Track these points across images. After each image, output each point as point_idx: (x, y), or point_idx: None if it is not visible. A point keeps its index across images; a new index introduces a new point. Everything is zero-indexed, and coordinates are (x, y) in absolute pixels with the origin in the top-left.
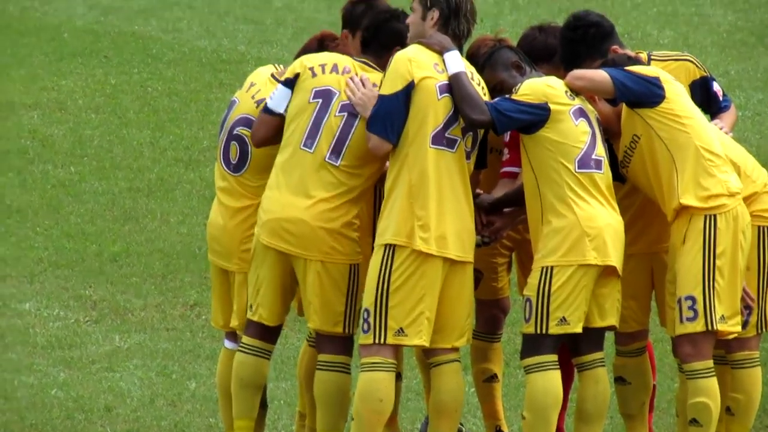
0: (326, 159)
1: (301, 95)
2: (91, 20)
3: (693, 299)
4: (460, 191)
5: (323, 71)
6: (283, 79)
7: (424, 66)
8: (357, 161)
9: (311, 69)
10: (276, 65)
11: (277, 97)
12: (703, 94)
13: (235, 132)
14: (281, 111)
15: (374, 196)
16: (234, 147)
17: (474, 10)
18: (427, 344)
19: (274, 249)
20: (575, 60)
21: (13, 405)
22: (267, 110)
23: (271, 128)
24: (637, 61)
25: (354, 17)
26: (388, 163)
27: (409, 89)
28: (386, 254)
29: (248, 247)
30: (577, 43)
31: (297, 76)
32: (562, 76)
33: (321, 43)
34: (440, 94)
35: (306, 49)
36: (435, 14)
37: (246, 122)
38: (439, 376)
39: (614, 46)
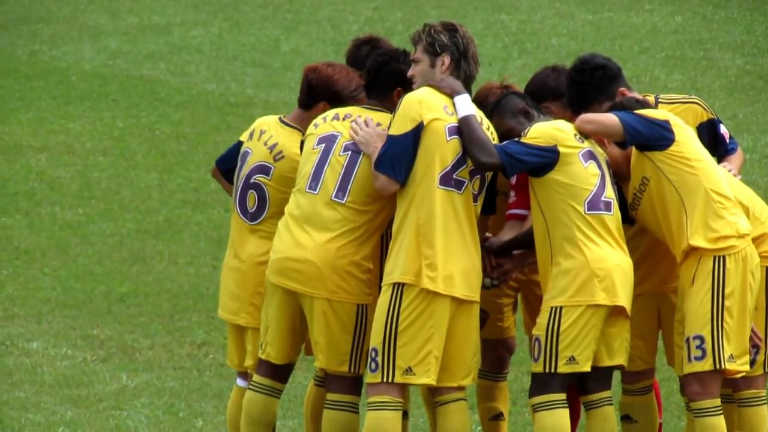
0: (332, 198)
1: (308, 145)
2: (99, 64)
3: (701, 338)
4: (467, 232)
5: (325, 121)
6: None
7: (434, 108)
8: (363, 198)
9: (314, 124)
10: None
11: None
12: (711, 137)
13: (252, 180)
14: None
15: (382, 241)
16: (252, 196)
17: (477, 53)
18: (434, 383)
19: (281, 288)
20: (583, 102)
21: None
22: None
23: None
24: (645, 104)
25: (359, 59)
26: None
27: (419, 130)
28: (395, 293)
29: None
30: (584, 86)
31: (305, 138)
32: (570, 118)
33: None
34: (449, 136)
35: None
36: (446, 59)
37: (262, 169)
38: (446, 414)
39: (622, 89)
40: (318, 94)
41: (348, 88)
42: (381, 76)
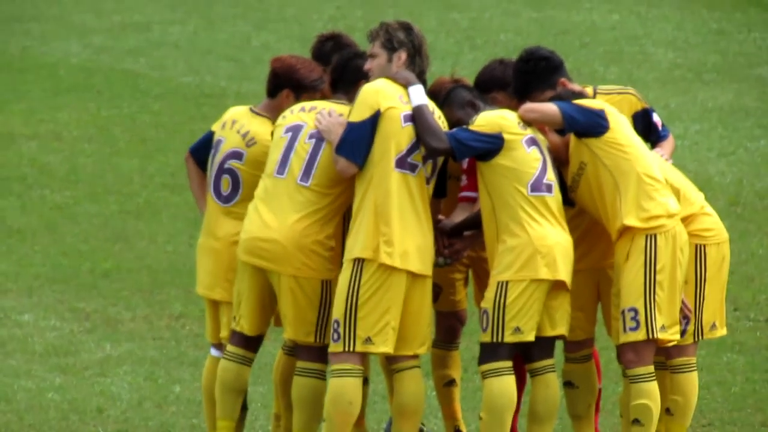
0: (298, 182)
1: (276, 135)
2: (85, 59)
3: (635, 311)
4: (420, 211)
5: (292, 112)
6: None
7: (390, 97)
8: (326, 182)
9: (282, 116)
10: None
11: None
12: (645, 125)
13: (225, 166)
14: None
15: (343, 222)
16: (226, 180)
17: (428, 50)
18: (392, 352)
19: (251, 265)
20: (526, 90)
21: (13, 407)
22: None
23: None
24: (581, 96)
25: (323, 53)
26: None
27: (376, 117)
28: (355, 268)
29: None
30: (528, 74)
31: (273, 129)
32: (515, 106)
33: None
34: (404, 123)
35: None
36: (403, 55)
37: (236, 155)
38: (402, 381)
39: (563, 79)
40: (281, 81)
41: (309, 77)
42: (346, 71)
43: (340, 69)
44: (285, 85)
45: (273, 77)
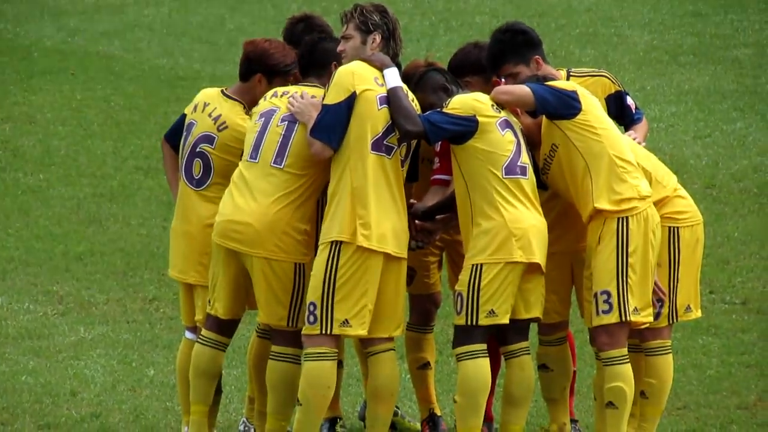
0: (271, 164)
1: (250, 122)
2: (59, 41)
3: (608, 293)
4: (396, 194)
5: (265, 99)
6: None
7: (366, 79)
8: (300, 163)
9: (258, 103)
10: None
11: None
12: (618, 107)
13: (198, 149)
14: None
15: (317, 206)
16: (198, 164)
17: (401, 33)
18: (367, 334)
19: (225, 248)
20: (499, 60)
21: None
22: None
23: None
24: (550, 80)
25: (295, 35)
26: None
27: (352, 99)
28: (332, 251)
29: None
30: (504, 44)
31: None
32: (489, 91)
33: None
34: (380, 105)
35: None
36: (377, 38)
37: (207, 139)
38: (377, 363)
39: (537, 57)
40: (254, 66)
41: (283, 62)
42: (315, 55)
43: (308, 53)
44: (257, 70)
45: (246, 61)
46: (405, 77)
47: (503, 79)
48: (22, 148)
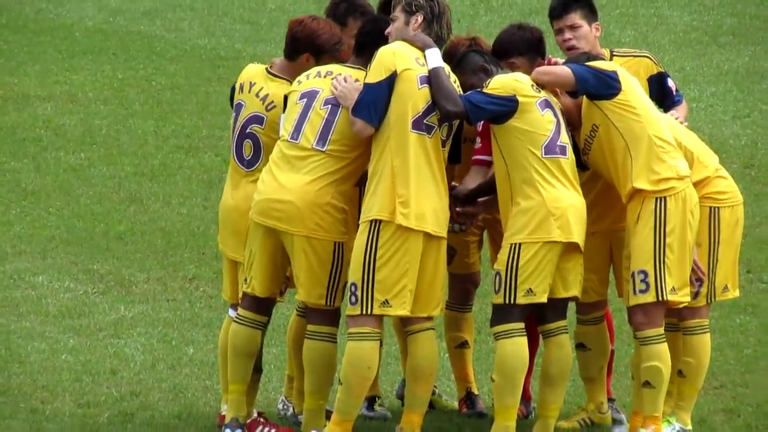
0: (313, 146)
1: (291, 100)
2: (101, 21)
3: (645, 273)
4: (437, 173)
5: (308, 78)
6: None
7: (406, 59)
8: (342, 146)
9: (298, 81)
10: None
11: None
12: (659, 89)
13: (248, 130)
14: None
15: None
16: (248, 145)
17: (450, 20)
18: (409, 314)
19: (264, 226)
20: (570, 6)
21: (27, 368)
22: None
23: None
24: (594, 58)
25: (338, 16)
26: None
27: (392, 78)
28: (372, 231)
29: None
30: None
31: (288, 93)
32: (530, 72)
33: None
34: (420, 84)
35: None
36: (419, 18)
37: (257, 119)
38: (416, 343)
39: (598, 24)
40: (302, 45)
41: (330, 41)
42: (370, 37)
43: (364, 35)
44: (306, 49)
45: (293, 41)
46: (446, 55)
47: (564, 34)
48: (64, 127)
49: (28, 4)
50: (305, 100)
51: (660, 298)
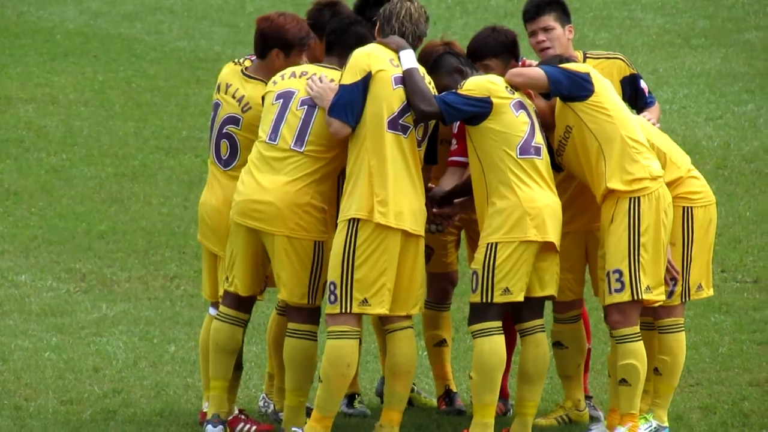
0: (291, 147)
1: (267, 101)
2: (82, 23)
3: (620, 272)
4: (413, 172)
5: (283, 78)
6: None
7: (381, 60)
8: (319, 146)
9: (273, 81)
10: (236, 61)
11: None
12: (632, 90)
13: (224, 131)
14: None
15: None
16: (225, 144)
17: (411, 13)
18: (388, 313)
19: (244, 226)
20: (543, 10)
21: (10, 366)
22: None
23: None
24: (565, 61)
25: (321, 22)
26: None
27: (367, 79)
28: (350, 230)
29: None
30: (551, 1)
31: (264, 94)
32: (504, 74)
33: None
34: (395, 85)
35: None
36: (378, 24)
37: (233, 120)
38: (395, 341)
39: (571, 26)
40: (271, 41)
41: (298, 35)
42: (346, 35)
43: (339, 32)
44: (274, 45)
45: (261, 38)
46: (421, 58)
47: (538, 35)
48: (46, 129)
49: (10, 6)
50: (281, 100)
51: (635, 297)
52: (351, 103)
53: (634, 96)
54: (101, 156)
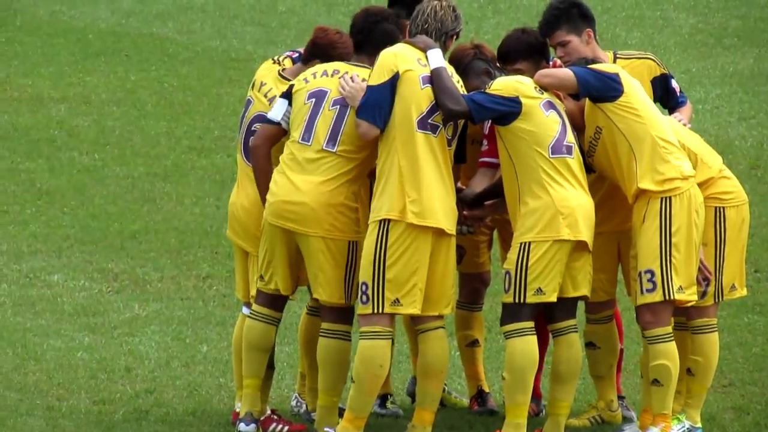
0: (323, 147)
1: (298, 100)
2: (114, 23)
3: (652, 272)
4: (443, 171)
5: (315, 77)
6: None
7: (408, 60)
8: (351, 147)
9: (305, 79)
10: (275, 59)
11: (275, 108)
12: (663, 90)
13: (252, 128)
14: (278, 119)
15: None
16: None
17: (436, 11)
18: (419, 313)
19: (280, 228)
20: (554, 26)
21: (43, 366)
22: (267, 120)
23: (268, 135)
24: (600, 59)
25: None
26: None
27: (395, 80)
28: (381, 230)
29: None
30: (560, 12)
31: (292, 86)
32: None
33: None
34: (423, 84)
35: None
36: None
37: (261, 119)
38: (426, 341)
39: (589, 30)
40: (317, 51)
41: (344, 57)
42: (374, 34)
43: (367, 31)
44: (319, 56)
45: (312, 46)
46: (451, 62)
47: (554, 52)
48: (78, 128)
49: (42, 6)
50: (314, 100)
51: (667, 297)
52: (379, 104)
53: (666, 96)
54: (133, 156)
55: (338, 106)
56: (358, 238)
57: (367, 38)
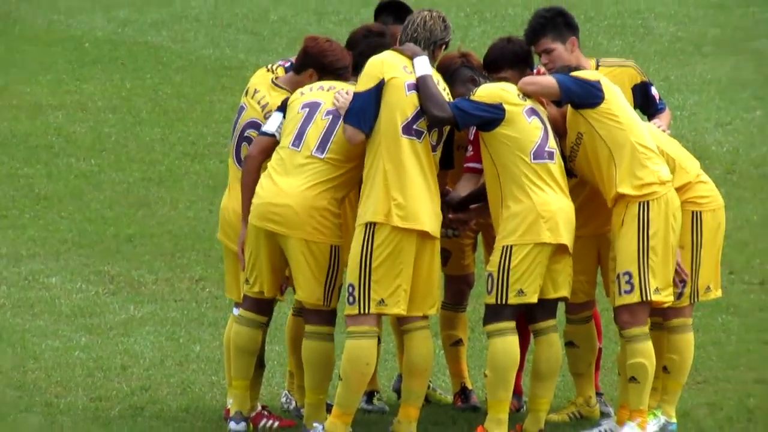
0: (312, 153)
1: (292, 110)
2: (110, 32)
3: (630, 274)
4: (428, 176)
5: (311, 90)
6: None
7: (394, 67)
8: (340, 156)
9: (301, 92)
10: (269, 68)
11: (271, 121)
12: (643, 97)
13: (245, 134)
14: (273, 131)
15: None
16: (245, 147)
17: (425, 21)
18: (404, 313)
19: (264, 230)
20: (539, 33)
21: (41, 365)
22: (262, 132)
23: (263, 147)
24: (583, 66)
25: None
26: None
27: (380, 86)
28: (367, 233)
29: None
30: (545, 20)
31: (287, 99)
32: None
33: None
34: (408, 91)
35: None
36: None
37: (254, 125)
38: (412, 340)
39: (573, 38)
40: (309, 60)
41: (335, 64)
42: (363, 58)
43: (361, 54)
44: (311, 65)
45: (303, 55)
46: (439, 70)
47: (539, 59)
48: (75, 135)
49: (41, 15)
50: (307, 109)
51: (644, 299)
52: (364, 109)
53: (646, 103)
54: (129, 161)
55: (331, 116)
56: (341, 242)
57: (361, 56)
